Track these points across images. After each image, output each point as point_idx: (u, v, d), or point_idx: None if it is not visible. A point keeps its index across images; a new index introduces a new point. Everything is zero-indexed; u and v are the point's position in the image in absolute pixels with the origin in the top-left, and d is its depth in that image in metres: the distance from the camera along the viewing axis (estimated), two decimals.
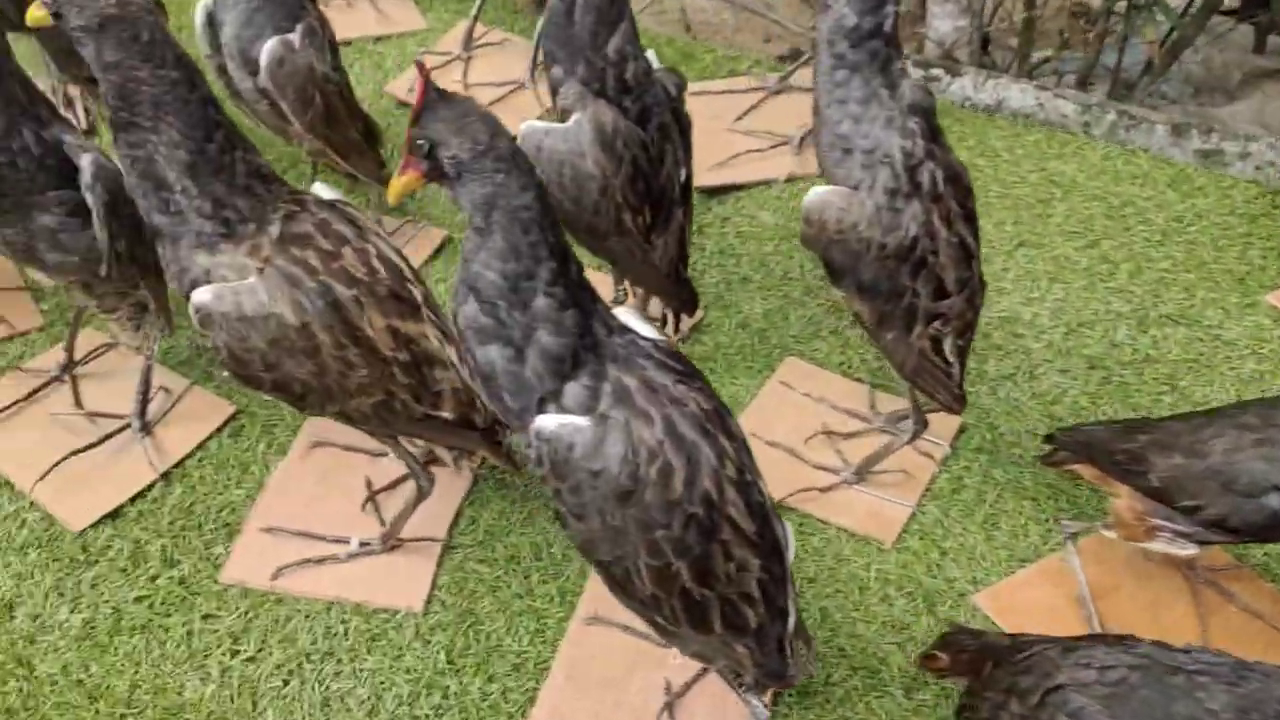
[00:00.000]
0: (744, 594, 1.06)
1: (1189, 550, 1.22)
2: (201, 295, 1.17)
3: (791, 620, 1.10)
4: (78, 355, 1.66)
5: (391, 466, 1.56)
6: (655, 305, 1.73)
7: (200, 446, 1.59)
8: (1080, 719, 0.93)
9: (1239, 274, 1.78)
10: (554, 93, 1.52)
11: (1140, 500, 1.24)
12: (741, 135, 2.04)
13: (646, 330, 1.08)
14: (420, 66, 0.95)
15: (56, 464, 1.52)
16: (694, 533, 1.00)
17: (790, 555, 1.10)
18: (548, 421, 0.99)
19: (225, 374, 1.22)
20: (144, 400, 1.59)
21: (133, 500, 1.51)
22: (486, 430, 1.33)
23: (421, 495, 1.39)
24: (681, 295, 1.67)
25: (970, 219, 1.34)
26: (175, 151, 1.14)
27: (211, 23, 1.69)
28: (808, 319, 1.78)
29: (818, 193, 1.30)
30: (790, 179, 1.98)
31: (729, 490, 1.02)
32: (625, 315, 1.08)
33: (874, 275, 1.33)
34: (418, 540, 1.46)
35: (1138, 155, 2.01)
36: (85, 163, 1.33)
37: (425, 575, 1.43)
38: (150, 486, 1.53)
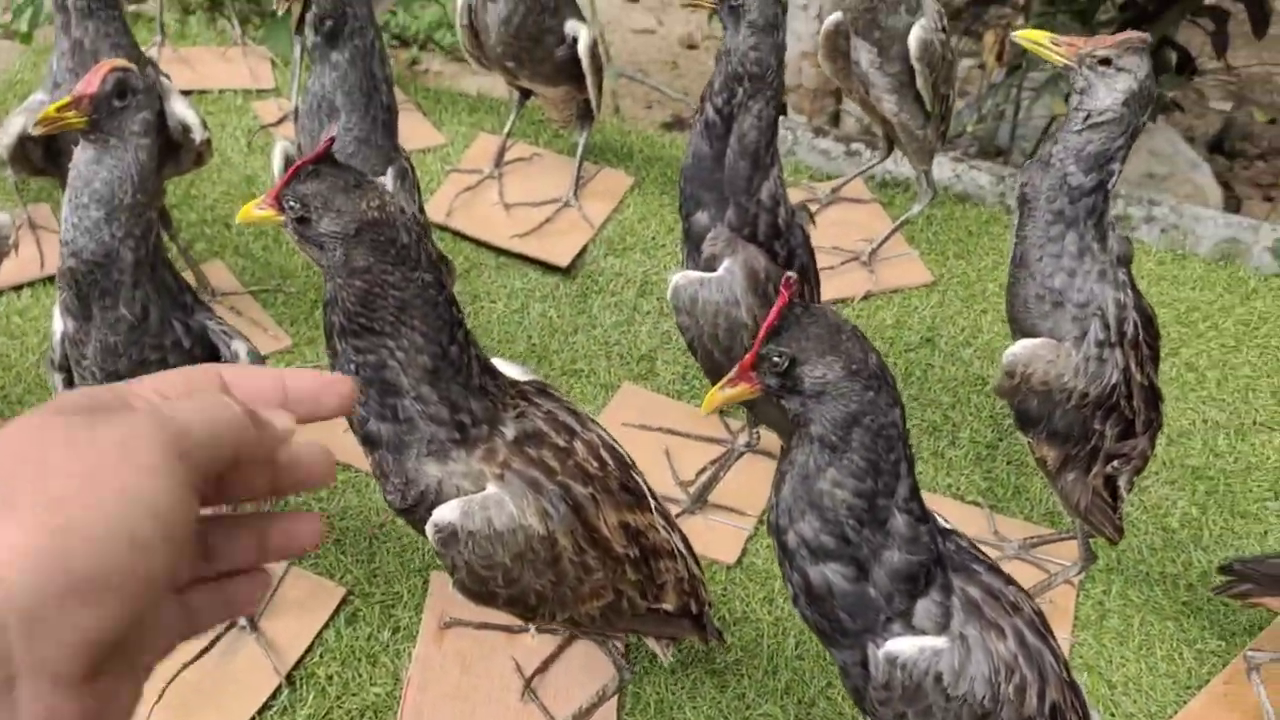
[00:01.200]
0: None
1: None
2: (447, 513, 1.05)
3: None
4: None
5: (535, 644, 1.46)
6: (771, 436, 1.69)
7: (317, 639, 1.43)
8: None
9: None
10: (698, 238, 1.47)
11: None
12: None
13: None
14: (788, 281, 0.89)
15: (170, 681, 1.34)
16: None
17: None
18: (904, 646, 0.93)
19: (453, 591, 1.10)
20: None
21: (261, 712, 1.35)
22: (696, 616, 1.25)
23: (623, 685, 1.29)
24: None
25: (1156, 360, 1.36)
26: (417, 356, 1.02)
27: (290, 163, 1.55)
28: None
29: (1025, 345, 1.29)
30: (867, 296, 1.98)
31: (1066, 692, 0.99)
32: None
33: (1069, 422, 1.33)
34: None
35: (1190, 260, 2.11)
36: (241, 352, 1.19)
37: None
38: (276, 694, 1.37)
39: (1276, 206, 3.64)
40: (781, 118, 2.32)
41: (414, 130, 2.24)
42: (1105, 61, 1.16)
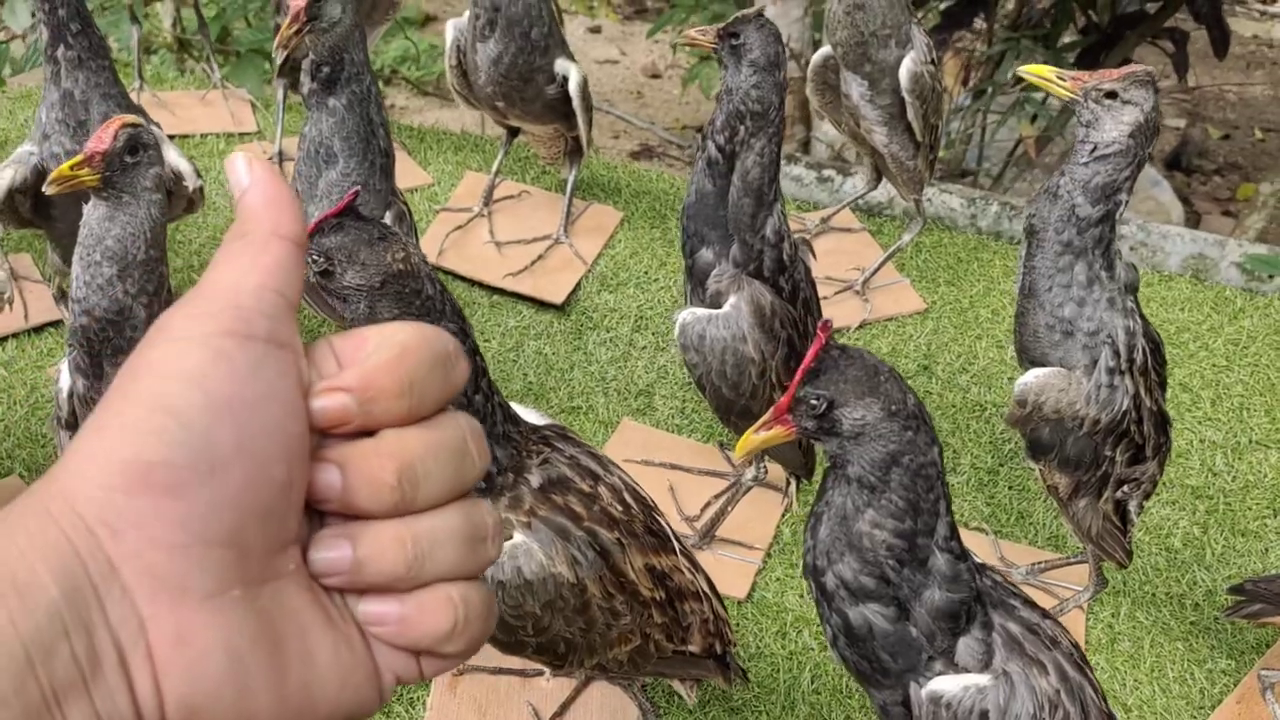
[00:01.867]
0: None
1: None
2: None
3: None
4: None
5: (550, 687, 1.44)
6: (776, 469, 1.69)
7: None
8: None
9: None
10: (702, 274, 1.47)
11: None
12: None
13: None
14: (825, 326, 0.89)
15: None
16: None
17: None
18: (947, 685, 0.93)
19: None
20: None
21: None
22: (719, 656, 1.24)
23: None
24: (808, 464, 1.64)
25: (1164, 385, 1.37)
26: None
27: None
28: None
29: (1037, 375, 1.31)
30: (862, 325, 1.99)
31: None
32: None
33: (1080, 449, 1.34)
34: None
35: (1176, 281, 2.14)
36: None
37: None
38: None
39: (1240, 222, 3.72)
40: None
41: (400, 170, 2.21)
42: (1111, 95, 1.18)
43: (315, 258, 0.95)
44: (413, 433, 0.36)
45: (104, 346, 1.11)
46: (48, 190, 1.04)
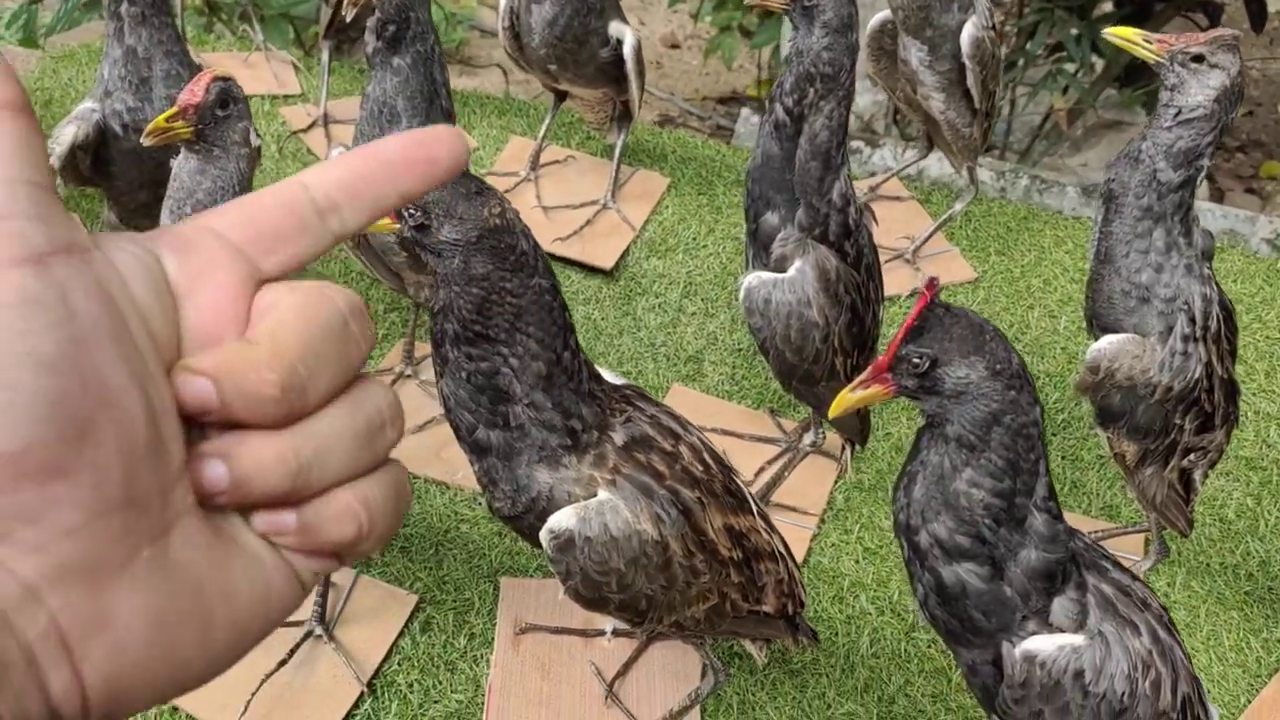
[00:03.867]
0: None
1: None
2: (564, 519, 1.04)
3: None
4: None
5: (612, 647, 1.45)
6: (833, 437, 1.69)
7: (394, 647, 1.42)
8: None
9: None
10: (766, 238, 1.47)
11: None
12: None
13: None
14: (931, 283, 0.89)
15: (254, 694, 1.32)
16: None
17: None
18: (1043, 644, 0.93)
19: (562, 596, 1.09)
20: (325, 599, 1.41)
21: None
22: (789, 618, 1.25)
23: (718, 686, 1.29)
24: (863, 430, 1.64)
25: (1234, 353, 1.37)
26: (531, 363, 1.01)
27: None
28: None
29: (1111, 341, 1.30)
30: (913, 293, 1.98)
31: (1194, 687, 0.99)
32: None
33: (1150, 417, 1.34)
34: None
35: (1228, 253, 2.13)
36: None
37: None
38: (359, 702, 1.35)
39: (1270, 198, 3.70)
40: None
41: None
42: (1198, 59, 1.17)
43: (411, 211, 0.95)
44: (290, 329, 0.32)
45: None
46: (145, 141, 1.04)
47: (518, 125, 2.35)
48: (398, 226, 0.97)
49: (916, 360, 0.89)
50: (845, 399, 0.95)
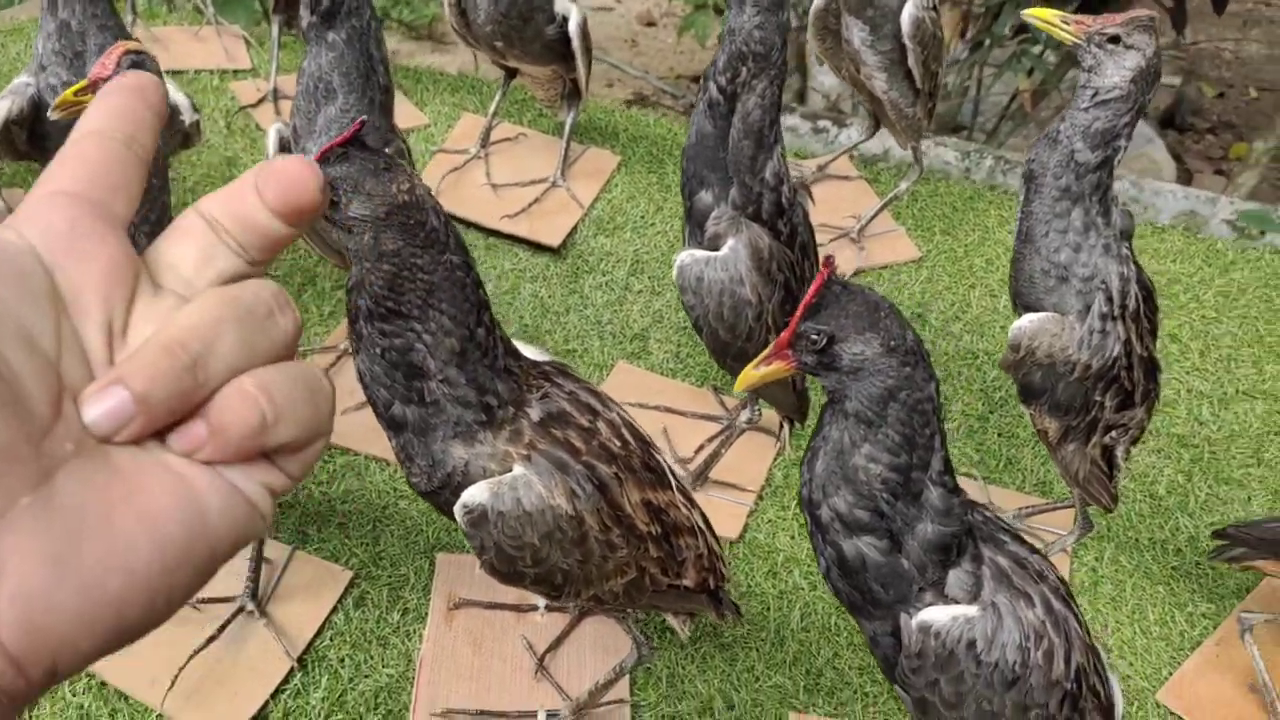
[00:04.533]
0: None
1: None
2: (477, 494, 1.05)
3: None
4: None
5: (545, 622, 1.47)
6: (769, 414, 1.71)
7: (326, 622, 1.43)
8: None
9: None
10: (701, 217, 1.48)
11: None
12: None
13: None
14: (827, 261, 0.90)
15: (181, 668, 1.33)
16: (1066, 707, 0.99)
17: (1119, 712, 1.10)
18: (938, 615, 0.95)
19: (480, 572, 1.10)
20: (257, 575, 1.42)
21: (274, 695, 1.34)
22: (712, 592, 1.27)
23: (641, 662, 1.31)
24: (801, 407, 1.66)
25: (1155, 332, 1.39)
26: (444, 339, 1.02)
27: (286, 148, 1.54)
28: None
29: (1031, 320, 1.32)
30: (857, 273, 2.00)
31: (1090, 658, 1.02)
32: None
33: (1070, 394, 1.36)
34: (604, 704, 1.38)
35: (1169, 233, 2.16)
36: None
37: None
38: (289, 677, 1.36)
39: (1232, 179, 3.73)
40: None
41: (397, 112, 2.21)
42: (1114, 39, 1.18)
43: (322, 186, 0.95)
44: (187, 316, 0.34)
45: None
46: (52, 115, 1.04)
47: (470, 102, 2.34)
48: None
49: (814, 337, 0.91)
50: (748, 375, 0.96)
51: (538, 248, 2.03)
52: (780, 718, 1.39)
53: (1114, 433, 1.41)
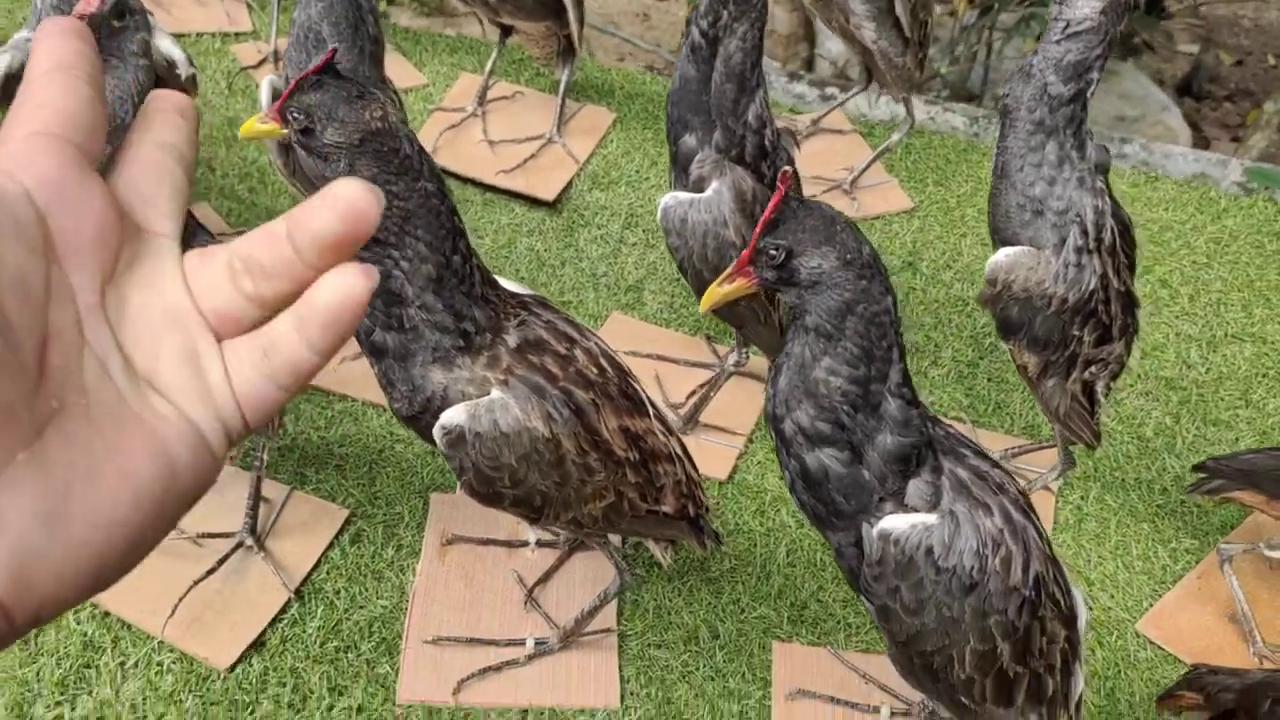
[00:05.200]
0: (1049, 665, 1.08)
1: None
2: (455, 416, 1.08)
3: (1080, 685, 1.13)
4: None
5: (535, 557, 1.50)
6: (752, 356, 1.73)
7: (323, 557, 1.47)
8: None
9: None
10: (685, 160, 1.50)
11: None
12: None
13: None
14: (784, 175, 0.92)
15: (181, 598, 1.38)
16: (1025, 614, 1.02)
17: (1083, 622, 1.13)
18: (897, 523, 0.98)
19: (459, 491, 1.14)
20: (255, 512, 1.46)
21: (272, 624, 1.39)
22: (693, 519, 1.30)
23: (624, 589, 1.34)
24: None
25: (1133, 267, 1.41)
26: (421, 265, 1.05)
27: (278, 97, 1.57)
28: None
29: (1008, 254, 1.34)
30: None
31: (1050, 568, 1.04)
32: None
33: (1048, 329, 1.38)
34: (592, 634, 1.41)
35: (1162, 182, 2.17)
36: None
37: (611, 669, 1.38)
38: (285, 608, 1.41)
39: (1244, 141, 3.70)
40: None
41: (395, 71, 2.24)
42: None
43: (296, 115, 0.99)
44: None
45: None
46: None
47: (469, 63, 2.37)
48: (285, 131, 1.01)
49: (773, 252, 0.93)
50: (713, 292, 0.99)
51: (534, 203, 2.06)
52: (764, 647, 1.42)
53: (1093, 368, 1.43)
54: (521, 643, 1.39)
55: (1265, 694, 1.16)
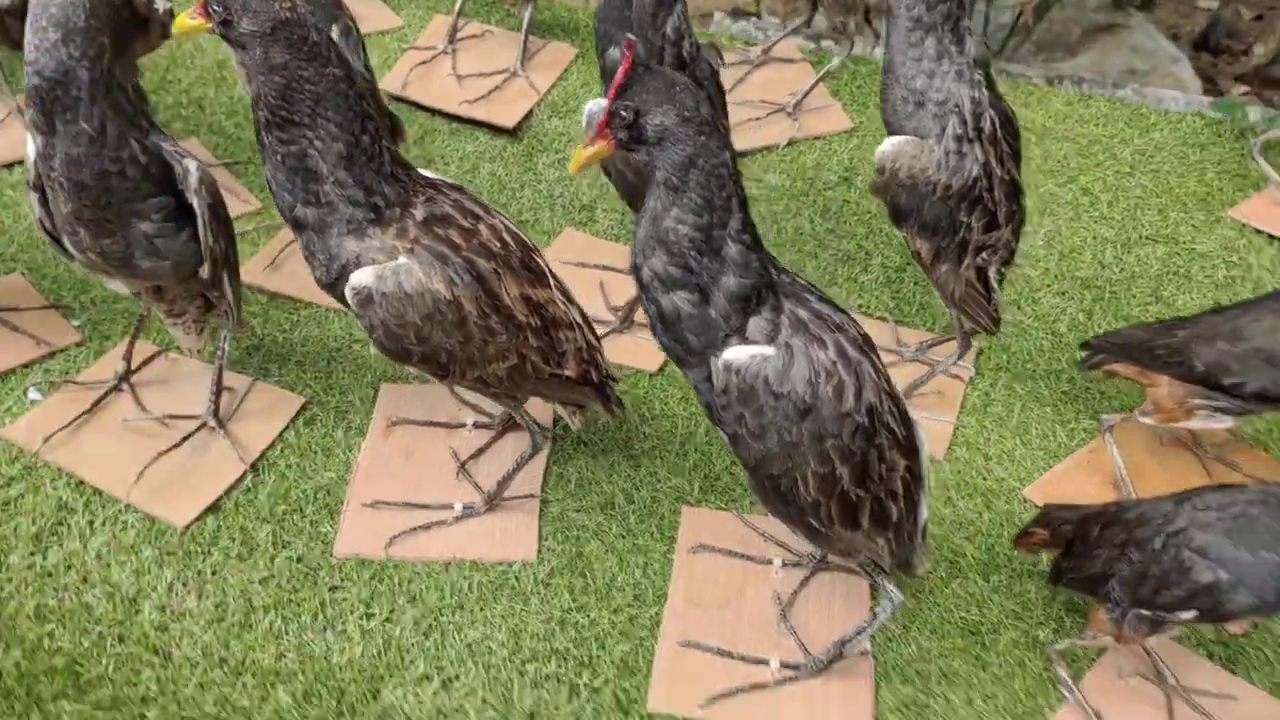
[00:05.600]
0: (891, 492, 1.20)
1: (1225, 423, 1.43)
2: (362, 276, 1.22)
3: (924, 514, 1.25)
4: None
5: (472, 436, 1.64)
6: None
7: (279, 438, 1.62)
8: (1208, 552, 1.11)
9: (1201, 195, 2.04)
10: (610, 72, 1.62)
11: (1180, 386, 1.44)
12: (737, 106, 2.18)
13: None
14: (629, 43, 1.05)
15: (148, 466, 1.53)
16: (859, 439, 1.14)
17: (925, 456, 1.25)
18: (738, 354, 1.10)
19: (372, 351, 1.27)
20: (218, 397, 1.61)
21: (228, 492, 1.54)
22: (598, 385, 1.43)
23: (536, 450, 1.48)
24: None
25: (1017, 157, 1.51)
26: (333, 144, 1.19)
27: None
28: (823, 269, 1.93)
29: (892, 143, 1.45)
30: (790, 143, 2.13)
31: (885, 400, 1.16)
32: None
33: (936, 215, 1.49)
34: (516, 498, 1.55)
35: (1094, 100, 2.26)
36: (191, 168, 1.36)
37: (531, 528, 1.52)
38: (241, 478, 1.56)
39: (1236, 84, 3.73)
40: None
41: (372, 13, 2.39)
42: None
43: (215, 8, 1.13)
44: None
45: (54, 105, 1.30)
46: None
47: (443, 6, 2.50)
48: (209, 26, 1.15)
49: (624, 113, 1.06)
50: (578, 155, 1.11)
51: (496, 130, 2.19)
52: (675, 511, 1.55)
53: (984, 254, 1.54)
54: (450, 506, 1.53)
55: (1095, 522, 1.27)
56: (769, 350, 1.10)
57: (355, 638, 1.39)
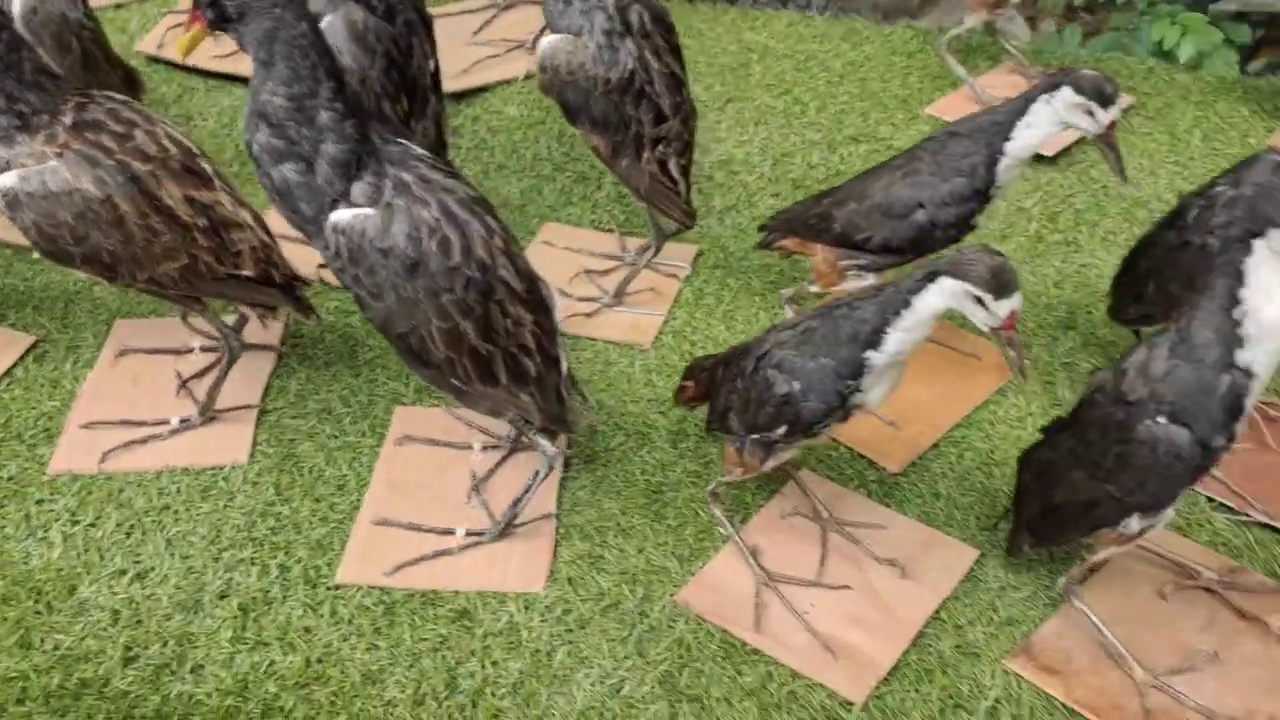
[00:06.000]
0: (522, 346, 1.29)
1: (870, 280, 1.55)
2: (7, 180, 1.28)
3: (564, 368, 1.34)
4: None
5: (198, 359, 1.70)
6: None
7: (7, 374, 1.67)
8: (782, 366, 1.22)
9: (902, 97, 2.18)
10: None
11: (829, 250, 1.56)
12: (479, 46, 2.28)
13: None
14: None
15: None
16: (474, 293, 1.23)
17: (557, 312, 1.34)
18: (342, 215, 1.18)
19: (36, 255, 1.33)
20: None
21: None
22: (285, 286, 1.50)
23: (233, 357, 1.54)
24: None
25: (676, 52, 1.61)
26: None
27: None
28: (560, 190, 2.03)
29: (549, 40, 1.55)
30: (529, 76, 2.23)
31: (499, 257, 1.25)
32: None
33: (603, 109, 1.59)
34: (233, 409, 1.61)
35: (815, 20, 2.40)
36: None
37: (245, 434, 1.58)
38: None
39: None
40: None
41: None
42: None
43: None
44: None
45: None
46: None
47: None
48: None
49: None
50: (180, 42, 1.18)
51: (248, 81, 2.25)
52: (388, 411, 1.63)
53: (660, 147, 1.64)
54: (167, 421, 1.59)
55: (722, 363, 1.37)
56: (370, 210, 1.18)
57: (57, 543, 1.44)
